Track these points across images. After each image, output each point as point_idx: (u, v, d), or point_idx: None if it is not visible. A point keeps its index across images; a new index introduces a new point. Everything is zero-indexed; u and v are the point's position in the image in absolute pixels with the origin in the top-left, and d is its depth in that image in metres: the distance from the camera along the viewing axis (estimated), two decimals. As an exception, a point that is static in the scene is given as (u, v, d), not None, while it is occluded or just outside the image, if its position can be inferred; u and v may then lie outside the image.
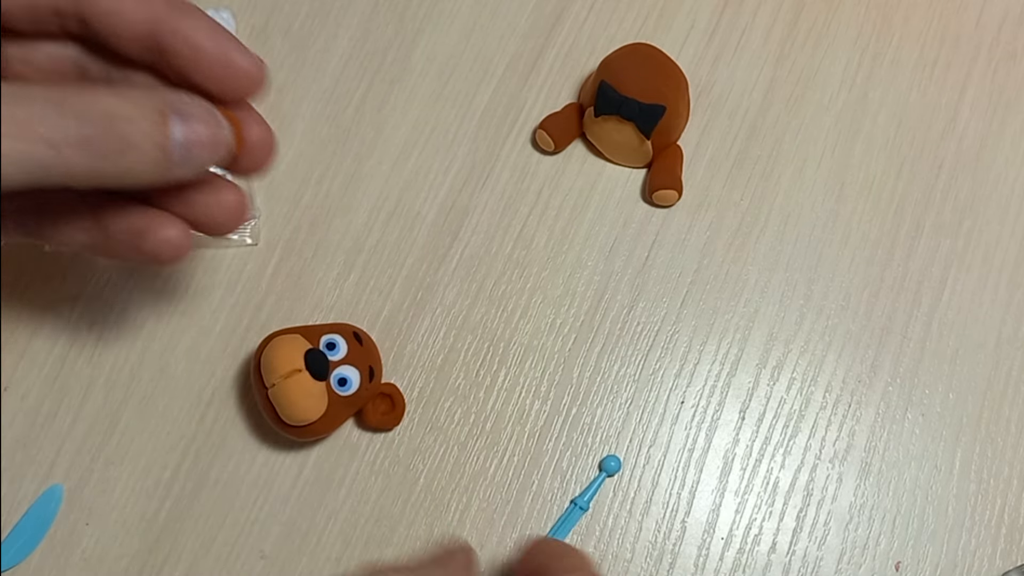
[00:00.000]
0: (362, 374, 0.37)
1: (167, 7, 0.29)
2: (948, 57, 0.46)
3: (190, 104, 0.28)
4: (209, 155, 0.28)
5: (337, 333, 0.37)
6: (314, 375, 0.35)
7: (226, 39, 0.29)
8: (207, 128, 0.28)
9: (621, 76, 0.42)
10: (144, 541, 0.39)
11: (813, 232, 0.44)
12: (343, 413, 0.37)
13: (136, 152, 0.26)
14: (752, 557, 0.39)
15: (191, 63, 0.29)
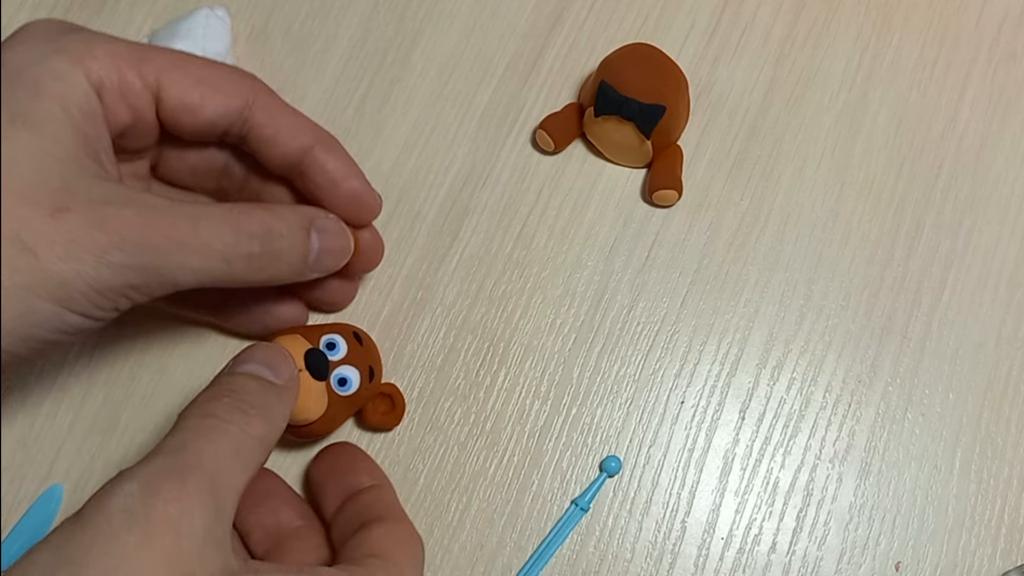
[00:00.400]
0: (362, 374, 0.37)
1: (316, 140, 0.35)
2: (948, 57, 0.47)
3: (327, 220, 0.34)
4: (337, 262, 0.35)
5: (337, 333, 0.37)
6: (314, 375, 0.35)
7: (357, 177, 0.36)
8: (338, 241, 0.35)
9: (621, 76, 0.42)
10: (144, 541, 0.39)
11: (813, 232, 0.44)
12: (343, 413, 0.37)
13: (285, 263, 0.32)
14: (752, 557, 0.39)
15: (326, 192, 0.35)
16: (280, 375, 0.32)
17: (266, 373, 0.31)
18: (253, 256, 0.31)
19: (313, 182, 0.35)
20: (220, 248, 0.30)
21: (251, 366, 0.31)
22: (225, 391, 0.30)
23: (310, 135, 0.35)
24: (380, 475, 0.37)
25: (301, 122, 0.35)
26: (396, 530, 0.32)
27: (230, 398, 0.29)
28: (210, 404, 0.29)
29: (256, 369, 0.31)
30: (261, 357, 0.32)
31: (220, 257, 0.30)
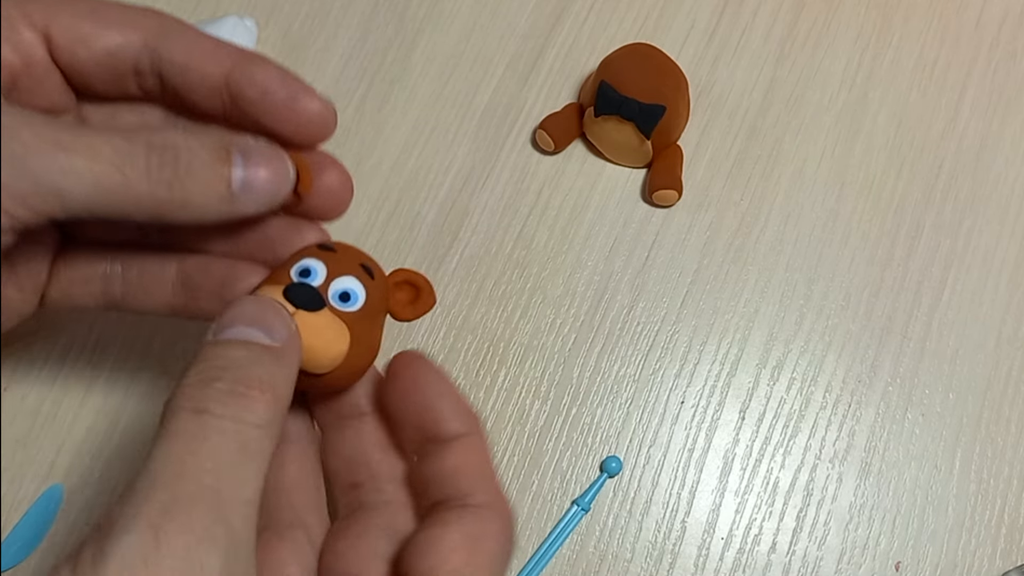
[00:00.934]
0: (359, 276, 0.29)
1: (238, 58, 0.30)
2: (948, 57, 0.47)
3: (253, 144, 0.29)
4: (271, 192, 0.29)
5: (305, 257, 0.29)
6: (308, 309, 0.28)
7: (295, 84, 0.30)
8: (268, 165, 0.28)
9: (621, 76, 0.42)
10: (144, 541, 0.39)
11: (813, 232, 0.44)
12: (370, 328, 0.29)
13: (200, 185, 0.27)
14: (752, 557, 0.39)
15: (261, 107, 0.29)
16: (275, 333, 0.26)
17: (257, 335, 0.26)
18: (154, 169, 0.26)
19: (246, 101, 0.29)
20: (109, 152, 0.25)
21: (237, 330, 0.26)
22: (214, 372, 0.24)
23: (231, 55, 0.30)
24: (471, 417, 0.29)
25: (220, 46, 0.30)
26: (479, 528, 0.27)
27: (222, 381, 0.24)
28: (199, 393, 0.24)
29: (244, 333, 0.26)
30: (248, 316, 0.26)
31: (109, 162, 0.25)
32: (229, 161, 0.28)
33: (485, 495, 0.27)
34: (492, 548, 0.27)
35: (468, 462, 0.28)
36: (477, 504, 0.27)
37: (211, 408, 0.24)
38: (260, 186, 0.28)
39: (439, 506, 0.27)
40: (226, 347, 0.25)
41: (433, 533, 0.26)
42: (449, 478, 0.28)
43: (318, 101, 0.30)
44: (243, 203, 0.28)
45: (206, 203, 0.27)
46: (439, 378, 0.30)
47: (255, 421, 0.24)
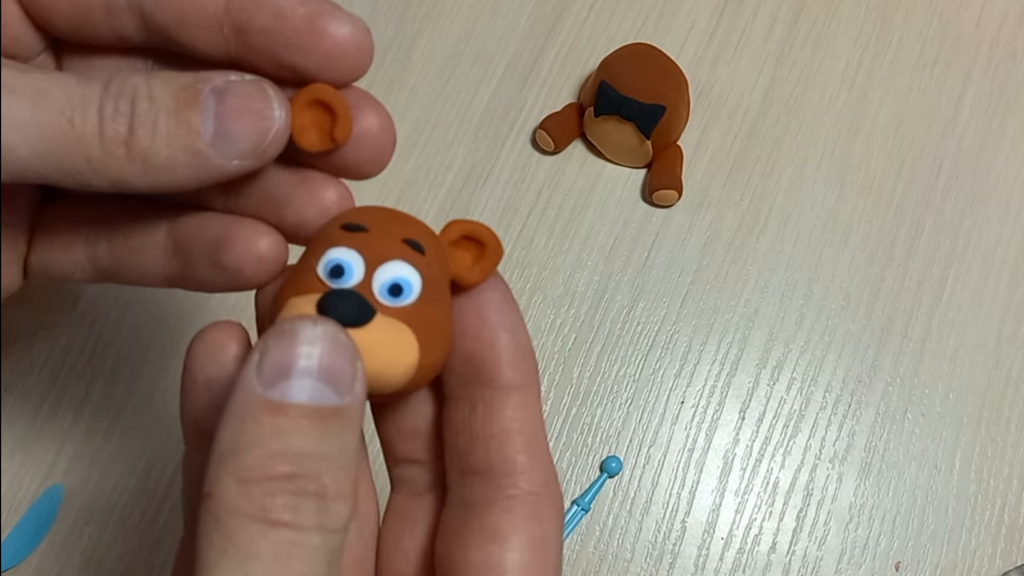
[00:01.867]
0: (408, 260, 0.22)
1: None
2: (948, 57, 0.47)
3: (230, 80, 0.21)
4: (253, 139, 0.21)
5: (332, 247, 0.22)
6: (357, 325, 0.21)
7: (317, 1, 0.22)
8: (245, 104, 0.21)
9: (621, 76, 0.42)
10: (144, 541, 0.39)
11: (813, 232, 0.44)
12: (437, 314, 0.22)
13: (159, 135, 0.21)
14: (752, 557, 0.39)
15: (275, 37, 0.22)
16: (343, 384, 0.19)
17: (328, 395, 0.19)
18: (107, 120, 0.20)
19: (254, 31, 0.22)
20: (59, 97, 0.20)
21: (299, 386, 0.18)
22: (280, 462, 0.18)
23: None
24: (533, 366, 0.23)
25: None
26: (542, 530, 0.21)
27: (298, 480, 0.18)
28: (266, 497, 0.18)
29: (308, 392, 0.18)
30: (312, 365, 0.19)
31: (58, 109, 0.20)
32: (196, 103, 0.21)
33: (542, 473, 0.22)
34: (556, 555, 0.22)
35: (524, 424, 0.22)
36: (535, 489, 0.22)
37: (290, 519, 0.18)
38: (238, 134, 0.21)
39: (484, 484, 0.22)
40: (288, 417, 0.18)
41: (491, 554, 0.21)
42: (499, 441, 0.22)
43: (348, 23, 0.22)
44: (218, 160, 0.21)
45: (171, 162, 0.21)
46: (511, 308, 0.23)
47: (339, 524, 0.19)
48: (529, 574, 0.21)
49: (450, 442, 0.23)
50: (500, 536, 0.21)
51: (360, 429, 0.20)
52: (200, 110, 0.21)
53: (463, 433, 0.22)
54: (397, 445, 0.24)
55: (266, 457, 0.18)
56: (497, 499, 0.21)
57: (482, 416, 0.22)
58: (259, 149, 0.21)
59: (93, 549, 0.39)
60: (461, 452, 0.22)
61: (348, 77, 0.23)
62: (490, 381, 0.22)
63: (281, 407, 0.18)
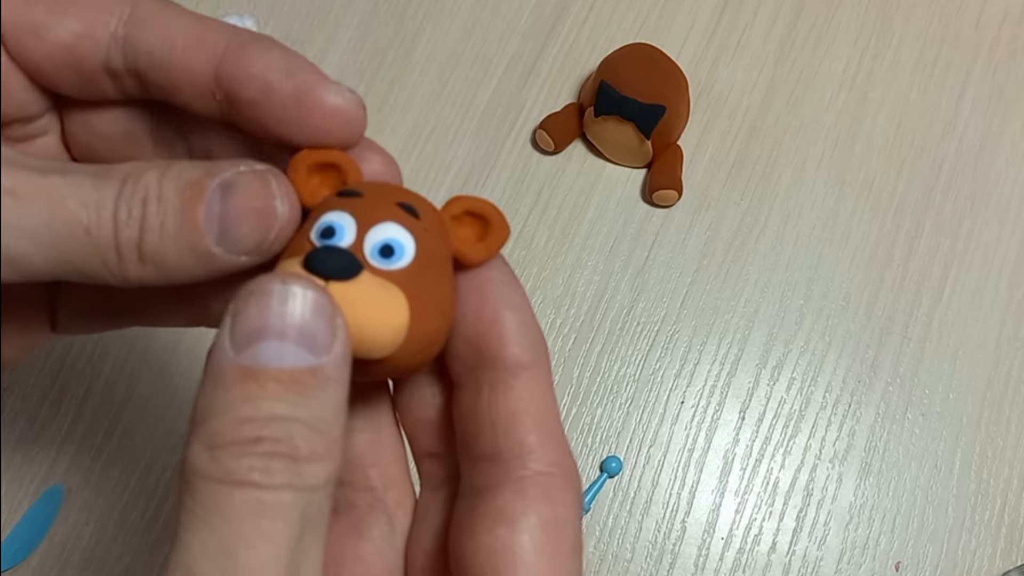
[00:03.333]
0: (399, 221, 0.21)
1: (230, 42, 0.22)
2: (948, 57, 0.47)
3: (237, 173, 0.21)
4: (258, 231, 0.21)
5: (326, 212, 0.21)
6: (342, 278, 0.20)
7: (305, 73, 0.22)
8: (249, 201, 0.21)
9: (621, 76, 0.42)
10: (144, 541, 0.39)
11: (813, 232, 0.44)
12: (434, 284, 0.21)
13: (168, 238, 0.20)
14: (752, 557, 0.39)
15: (265, 109, 0.22)
16: (319, 341, 0.18)
17: (299, 355, 0.18)
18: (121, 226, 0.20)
19: (245, 102, 0.22)
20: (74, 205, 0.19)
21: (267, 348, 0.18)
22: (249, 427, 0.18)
23: (220, 38, 0.22)
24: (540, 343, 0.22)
25: (207, 29, 0.22)
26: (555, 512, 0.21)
27: (266, 443, 0.18)
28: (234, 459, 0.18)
29: (278, 354, 0.18)
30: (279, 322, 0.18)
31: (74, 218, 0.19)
32: (201, 199, 0.20)
33: (553, 452, 0.21)
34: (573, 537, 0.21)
35: (532, 403, 0.21)
36: (546, 469, 0.21)
37: (257, 479, 0.18)
38: (244, 229, 0.21)
39: (494, 468, 0.21)
40: (257, 383, 0.18)
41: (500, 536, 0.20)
42: (507, 422, 0.21)
43: (337, 94, 0.22)
44: (226, 257, 0.21)
45: (180, 263, 0.21)
46: (513, 286, 0.22)
47: (315, 483, 0.18)
48: (542, 558, 0.20)
49: (459, 429, 0.22)
50: (509, 518, 0.20)
51: (344, 389, 0.19)
52: (205, 209, 0.20)
53: (470, 418, 0.22)
54: (418, 438, 0.24)
55: (234, 423, 0.18)
56: (506, 481, 0.21)
57: (488, 398, 0.21)
58: (264, 246, 0.21)
59: (93, 549, 0.39)
60: (470, 438, 0.22)
61: (340, 146, 0.23)
62: (494, 362, 0.22)
63: (251, 372, 0.18)
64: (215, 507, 0.18)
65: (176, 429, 0.40)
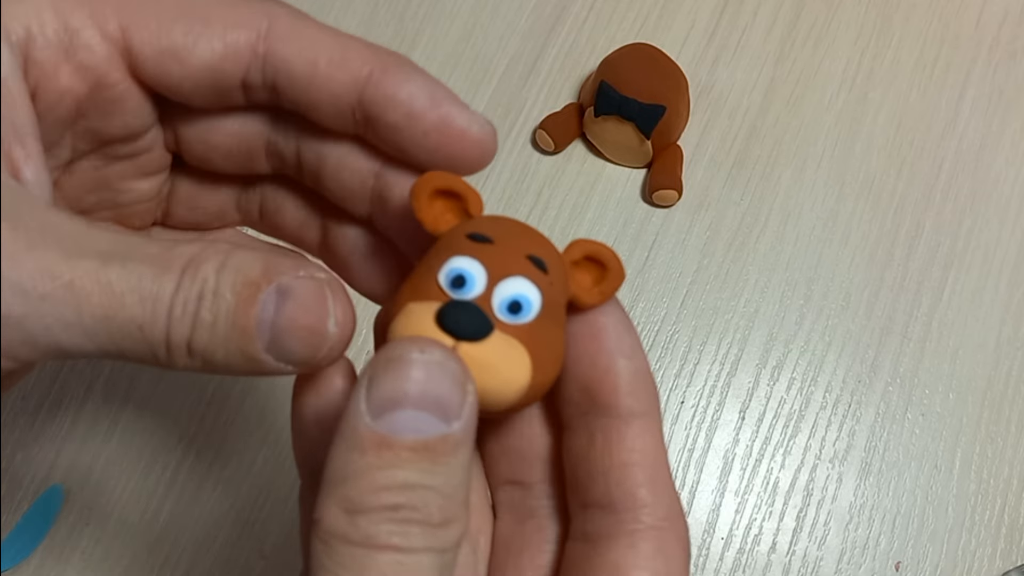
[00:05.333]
0: (530, 277, 0.21)
1: (375, 66, 0.22)
2: (948, 57, 0.46)
3: (297, 279, 0.20)
4: (307, 349, 0.20)
5: (456, 255, 0.21)
6: (475, 339, 0.21)
7: (446, 101, 0.22)
8: (307, 315, 0.20)
9: (621, 76, 0.42)
10: (144, 541, 0.39)
11: (813, 232, 0.44)
12: (551, 335, 0.22)
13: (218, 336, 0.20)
14: (752, 557, 0.39)
15: (405, 135, 0.23)
16: (453, 411, 0.19)
17: (432, 426, 0.19)
18: (175, 322, 0.19)
19: (386, 126, 0.23)
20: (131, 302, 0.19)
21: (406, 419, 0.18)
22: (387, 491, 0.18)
23: (363, 60, 0.22)
24: (653, 394, 0.22)
25: (350, 49, 0.22)
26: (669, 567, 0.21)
27: (404, 510, 0.18)
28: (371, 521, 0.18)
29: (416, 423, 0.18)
30: (416, 390, 0.19)
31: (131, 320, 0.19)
32: (255, 307, 0.20)
33: (666, 507, 0.21)
34: None
35: (645, 455, 0.21)
36: (657, 524, 0.21)
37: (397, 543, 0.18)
38: (294, 344, 0.20)
39: (606, 518, 0.21)
40: (393, 451, 0.18)
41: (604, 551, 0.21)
42: (620, 473, 0.21)
43: (478, 125, 0.23)
44: (273, 364, 0.20)
45: (227, 362, 0.20)
46: (629, 333, 0.22)
47: (448, 545, 0.19)
48: None
49: (570, 473, 0.22)
50: (624, 573, 0.20)
51: (471, 448, 0.19)
52: (257, 314, 0.20)
53: (582, 465, 0.22)
54: (501, 464, 0.24)
55: (372, 490, 0.18)
56: (620, 534, 0.21)
57: (601, 447, 0.21)
58: (312, 362, 0.21)
59: (93, 549, 0.39)
60: (581, 484, 0.22)
61: (470, 172, 0.23)
62: (607, 409, 0.22)
63: (387, 441, 0.18)
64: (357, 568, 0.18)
65: (176, 429, 0.40)
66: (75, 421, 0.40)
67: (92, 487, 0.40)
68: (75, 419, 0.41)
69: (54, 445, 0.40)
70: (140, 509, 0.39)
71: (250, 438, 0.40)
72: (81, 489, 0.40)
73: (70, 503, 0.39)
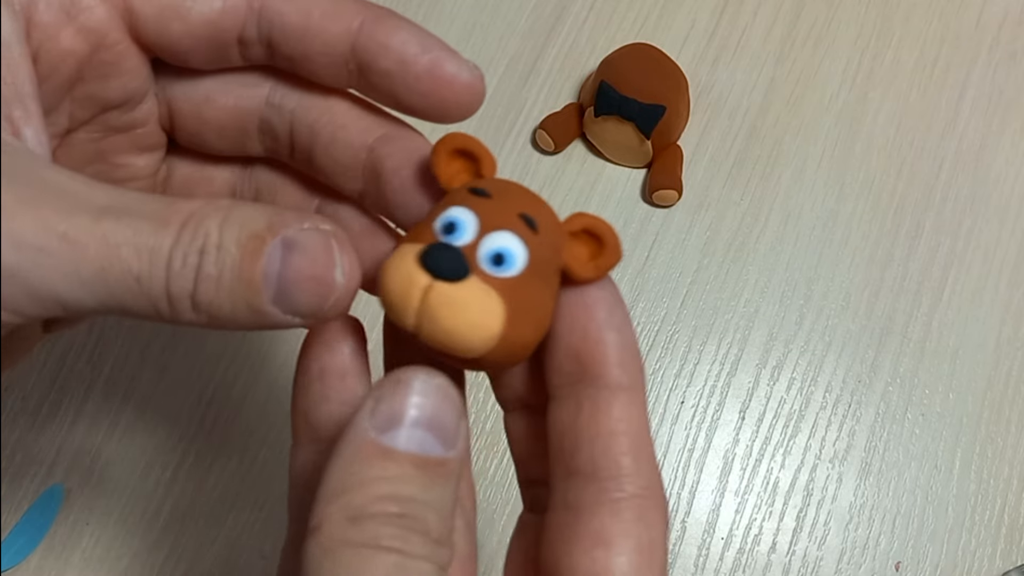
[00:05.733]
0: (517, 231, 0.23)
1: (366, 16, 0.24)
2: (948, 57, 0.46)
3: (303, 231, 0.21)
4: (315, 299, 0.21)
5: (453, 205, 0.23)
6: (450, 279, 0.21)
7: (437, 47, 0.24)
8: (314, 266, 0.21)
9: (621, 76, 0.42)
10: (144, 541, 0.39)
11: (813, 232, 0.44)
12: (535, 296, 0.22)
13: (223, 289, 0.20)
14: (752, 557, 0.39)
15: (398, 80, 0.24)
16: (449, 438, 0.20)
17: (432, 447, 0.20)
18: (175, 275, 0.20)
19: (379, 73, 0.24)
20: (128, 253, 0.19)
21: (409, 435, 0.20)
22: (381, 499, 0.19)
23: (354, 10, 0.24)
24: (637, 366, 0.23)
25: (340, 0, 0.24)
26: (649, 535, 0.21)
27: (399, 520, 0.19)
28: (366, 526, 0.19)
29: (418, 441, 0.20)
30: (420, 410, 0.20)
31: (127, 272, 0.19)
32: (260, 254, 0.20)
33: (647, 476, 0.22)
34: (663, 559, 0.22)
35: (631, 425, 0.22)
36: (640, 493, 0.22)
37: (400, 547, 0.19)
38: (301, 296, 0.21)
39: (589, 486, 0.22)
40: (394, 464, 0.19)
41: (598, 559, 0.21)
42: (605, 441, 0.22)
43: (467, 70, 0.24)
44: (279, 316, 0.21)
45: (233, 315, 0.21)
46: (620, 308, 0.23)
47: (442, 563, 0.20)
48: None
49: (555, 443, 0.23)
50: (607, 540, 0.21)
51: (458, 483, 0.21)
52: (264, 266, 0.20)
53: (568, 433, 0.22)
54: (530, 467, 0.25)
55: (376, 498, 0.19)
56: (603, 501, 0.21)
57: (588, 415, 0.22)
58: (319, 313, 0.21)
59: (93, 549, 0.39)
60: (566, 452, 0.22)
61: (459, 117, 0.24)
62: (596, 379, 0.22)
63: (390, 452, 0.19)
64: (359, 569, 0.19)
65: (176, 429, 0.40)
66: (75, 421, 0.40)
67: (92, 487, 0.40)
68: (75, 419, 0.41)
69: (54, 445, 0.40)
70: (140, 509, 0.39)
71: (250, 438, 0.40)
72: (81, 489, 0.40)
73: (70, 503, 0.39)
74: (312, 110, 0.25)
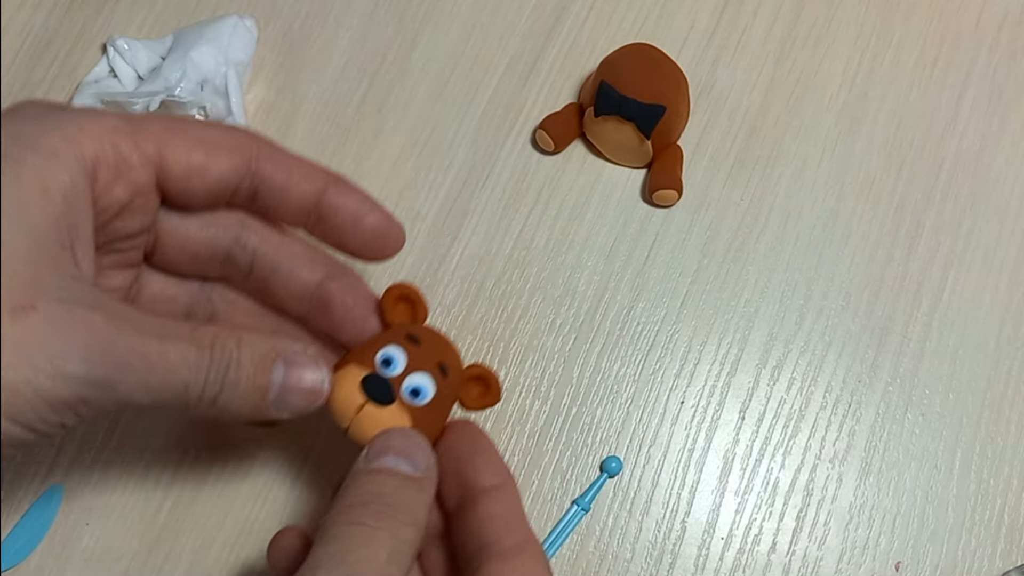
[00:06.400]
0: (432, 374, 0.33)
1: (329, 181, 0.33)
2: (948, 57, 0.47)
3: (298, 353, 0.31)
4: (304, 401, 0.31)
5: (389, 343, 0.33)
6: (379, 402, 0.32)
7: (377, 211, 0.33)
8: (306, 378, 0.30)
9: (621, 76, 0.42)
10: (144, 541, 0.39)
11: (813, 232, 0.44)
12: (433, 422, 0.33)
13: (239, 396, 0.29)
14: (752, 557, 0.39)
15: (347, 232, 0.33)
16: (417, 465, 0.30)
17: (403, 466, 0.30)
18: (209, 384, 0.28)
19: (331, 224, 0.33)
20: (184, 373, 0.28)
21: (388, 460, 0.30)
22: (368, 495, 0.29)
23: (322, 177, 0.33)
24: (503, 470, 0.32)
25: (310, 165, 0.33)
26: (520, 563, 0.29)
27: (376, 503, 0.29)
28: (356, 511, 0.28)
29: (393, 463, 0.30)
30: (396, 447, 0.30)
31: (181, 382, 0.28)
32: (269, 371, 0.30)
33: (524, 534, 0.30)
34: None
35: (501, 509, 0.31)
36: (513, 546, 0.29)
37: (366, 521, 0.28)
38: (295, 399, 0.30)
39: (480, 554, 0.30)
40: (377, 476, 0.30)
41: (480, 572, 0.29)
42: (484, 524, 0.30)
43: (397, 227, 0.34)
44: (275, 410, 0.30)
45: (240, 412, 0.30)
46: (480, 437, 0.33)
47: (402, 537, 0.28)
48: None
49: (457, 543, 0.31)
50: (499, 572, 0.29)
51: (430, 497, 0.31)
52: (271, 379, 0.30)
53: (464, 531, 0.31)
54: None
55: (363, 495, 0.29)
56: (489, 557, 0.29)
57: (469, 512, 0.31)
58: (305, 412, 0.31)
59: (93, 549, 0.39)
60: (459, 546, 0.31)
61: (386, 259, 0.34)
62: (473, 488, 0.31)
63: (375, 469, 0.30)
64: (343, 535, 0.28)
65: (176, 429, 0.40)
66: (75, 421, 0.40)
67: (92, 487, 0.40)
68: (75, 419, 0.40)
69: (54, 445, 0.40)
70: (140, 509, 0.39)
71: (250, 438, 0.40)
72: (81, 489, 0.40)
73: (70, 503, 0.39)
74: (273, 248, 0.34)
